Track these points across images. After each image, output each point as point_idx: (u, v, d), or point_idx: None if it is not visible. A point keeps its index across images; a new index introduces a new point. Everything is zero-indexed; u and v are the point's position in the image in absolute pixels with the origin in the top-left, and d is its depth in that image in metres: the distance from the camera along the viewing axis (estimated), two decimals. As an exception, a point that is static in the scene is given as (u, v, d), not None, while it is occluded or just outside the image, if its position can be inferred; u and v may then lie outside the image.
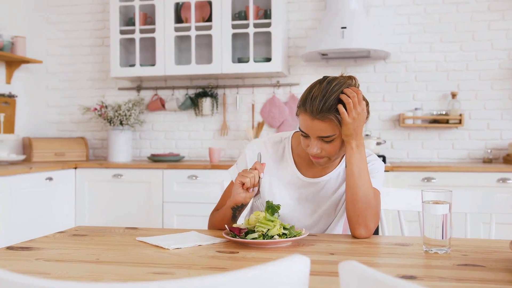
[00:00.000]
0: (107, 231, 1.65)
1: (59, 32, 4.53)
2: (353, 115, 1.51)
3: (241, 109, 4.24)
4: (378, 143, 3.83)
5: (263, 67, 3.86)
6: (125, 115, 4.06)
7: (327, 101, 1.51)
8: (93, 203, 3.83)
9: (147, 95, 4.39)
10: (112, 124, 4.11)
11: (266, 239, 1.39)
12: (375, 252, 1.33)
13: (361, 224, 1.51)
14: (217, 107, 4.24)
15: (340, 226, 1.75)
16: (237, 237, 1.41)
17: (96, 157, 4.49)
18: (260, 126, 4.10)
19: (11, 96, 4.14)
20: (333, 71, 4.09)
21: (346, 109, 1.52)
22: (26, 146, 4.18)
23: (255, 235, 1.40)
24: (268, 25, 3.88)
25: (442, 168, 3.39)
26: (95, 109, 4.12)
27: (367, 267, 0.71)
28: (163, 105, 4.28)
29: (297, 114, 1.59)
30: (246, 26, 3.92)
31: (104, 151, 4.47)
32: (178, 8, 4.11)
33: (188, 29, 4.01)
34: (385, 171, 3.37)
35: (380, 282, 0.66)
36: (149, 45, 4.18)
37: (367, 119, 1.65)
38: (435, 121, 3.93)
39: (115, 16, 4.07)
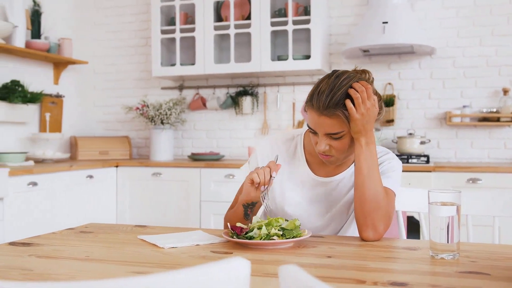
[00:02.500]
0: (115, 229, 1.64)
1: (106, 33, 4.64)
2: (361, 111, 1.43)
3: (282, 107, 4.18)
4: (422, 142, 3.66)
5: (302, 65, 3.79)
6: (166, 114, 4.10)
7: (334, 96, 1.43)
8: (133, 201, 3.89)
9: (189, 94, 4.42)
10: (153, 123, 4.16)
11: (265, 239, 1.33)
12: (376, 256, 1.24)
13: (369, 226, 1.42)
14: (257, 105, 4.20)
15: (354, 228, 1.66)
16: (235, 237, 1.36)
17: (140, 155, 4.57)
18: (300, 125, 4.03)
19: (58, 96, 4.27)
20: (376, 68, 3.95)
21: (354, 105, 1.44)
22: (73, 145, 4.30)
23: (254, 234, 1.34)
24: (307, 21, 3.80)
25: (489, 169, 3.20)
26: (137, 108, 4.18)
27: (305, 272, 0.64)
28: (204, 104, 4.28)
29: (305, 110, 1.52)
30: (285, 23, 3.85)
31: (147, 150, 4.53)
32: (218, 7, 4.11)
33: (227, 27, 3.99)
34: (427, 171, 3.23)
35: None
36: (190, 44, 4.19)
37: (380, 115, 1.56)
38: (485, 119, 3.72)
39: (156, 16, 4.11)
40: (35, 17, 3.87)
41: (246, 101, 4.15)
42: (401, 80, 3.93)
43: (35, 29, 3.87)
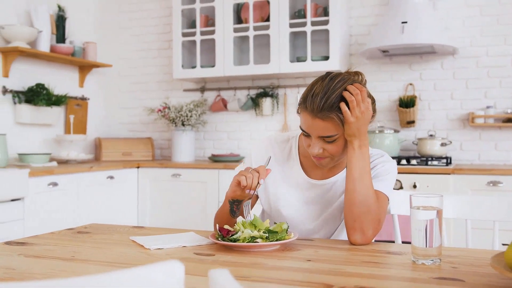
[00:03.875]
0: (112, 230, 1.67)
1: (130, 36, 4.72)
2: (356, 114, 1.42)
3: (302, 109, 4.16)
4: (442, 144, 3.59)
5: (321, 66, 3.77)
6: (186, 115, 4.15)
7: (329, 99, 1.42)
8: (154, 202, 3.95)
9: (210, 96, 4.45)
10: (174, 125, 4.21)
11: (249, 242, 1.33)
12: (357, 261, 1.23)
13: (357, 230, 1.41)
14: (277, 107, 4.21)
15: (348, 232, 1.65)
16: (220, 239, 1.37)
17: (163, 157, 4.63)
18: (319, 126, 4.00)
19: (83, 98, 4.38)
20: (397, 69, 3.90)
21: (349, 108, 1.42)
22: (97, 146, 4.40)
23: (239, 237, 1.35)
24: (326, 22, 3.78)
25: (510, 172, 3.11)
26: (159, 110, 4.24)
27: (231, 278, 0.65)
28: (225, 106, 4.31)
29: (298, 112, 1.51)
30: (304, 24, 3.84)
31: (169, 151, 4.59)
32: (239, 9, 4.13)
33: (247, 29, 4.01)
34: (445, 174, 3.17)
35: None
36: (210, 47, 4.23)
37: (373, 118, 1.54)
38: (509, 120, 3.61)
39: (177, 19, 4.16)
40: (59, 22, 3.97)
41: (266, 102, 4.15)
42: (423, 81, 3.86)
43: (60, 33, 3.97)
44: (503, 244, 1.28)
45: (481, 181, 3.14)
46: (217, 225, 1.47)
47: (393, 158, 3.50)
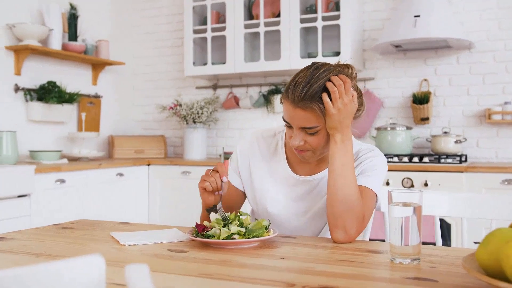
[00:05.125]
0: (97, 225, 1.65)
1: (143, 34, 4.73)
2: (338, 106, 1.36)
3: (314, 106, 4.10)
4: (457, 141, 3.48)
5: (332, 62, 3.67)
6: (198, 113, 4.12)
7: (311, 88, 1.37)
8: (164, 199, 3.93)
9: (222, 93, 4.42)
10: (186, 122, 4.20)
11: (225, 239, 1.29)
12: (332, 259, 1.17)
13: (339, 227, 1.35)
14: (289, 104, 4.14)
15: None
16: (194, 235, 1.33)
17: (176, 154, 4.62)
18: (331, 123, 3.93)
19: (96, 96, 4.40)
20: (411, 64, 3.80)
21: (331, 99, 1.37)
22: (110, 144, 4.41)
23: (214, 233, 1.31)
24: (337, 17, 3.71)
25: (526, 169, 2.99)
26: (171, 107, 4.23)
27: (146, 273, 0.61)
28: (237, 103, 4.28)
29: (281, 101, 1.46)
30: (315, 19, 3.78)
31: (182, 148, 4.57)
32: (250, 5, 4.09)
33: (257, 25, 3.96)
34: (458, 172, 3.07)
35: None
36: (222, 43, 4.19)
37: (361, 112, 1.49)
38: (528, 116, 3.48)
39: (188, 16, 4.15)
40: (71, 20, 3.99)
41: (277, 99, 4.10)
42: (438, 76, 3.75)
43: (72, 31, 3.99)
44: (475, 243, 1.21)
45: (496, 179, 3.03)
46: (196, 221, 1.44)
47: (405, 155, 3.41)
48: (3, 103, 3.60)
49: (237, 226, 1.32)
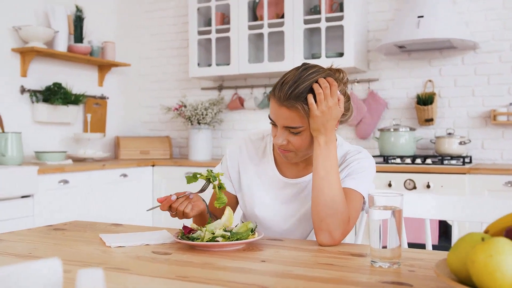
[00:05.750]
0: (90, 227, 1.67)
1: (149, 35, 4.75)
2: (322, 108, 1.36)
3: (319, 107, 4.09)
4: (461, 143, 3.44)
5: (335, 63, 3.63)
6: (202, 114, 4.14)
7: (297, 88, 1.38)
8: (168, 200, 3.94)
9: (227, 94, 4.43)
10: (191, 123, 4.21)
11: (207, 241, 1.29)
12: (311, 262, 1.17)
13: (323, 230, 1.34)
14: (294, 105, 4.14)
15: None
16: (180, 237, 1.34)
17: (181, 155, 4.64)
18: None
19: (103, 97, 4.43)
20: (415, 65, 3.77)
21: (316, 101, 1.37)
22: (116, 145, 4.44)
23: (198, 235, 1.32)
24: (340, 18, 3.70)
25: (530, 171, 2.96)
26: (175, 109, 4.25)
27: (99, 278, 0.61)
28: (242, 104, 4.28)
29: (268, 99, 1.47)
30: (318, 20, 3.77)
31: (187, 149, 4.59)
32: (254, 6, 4.09)
33: (261, 26, 3.97)
34: (461, 173, 3.04)
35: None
36: (226, 45, 4.20)
37: (346, 117, 1.49)
38: (534, 117, 3.44)
39: (193, 17, 4.16)
40: (77, 22, 4.03)
41: (282, 100, 4.09)
42: (442, 77, 3.72)
43: (78, 33, 4.03)
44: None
45: (499, 181, 3.00)
46: (183, 223, 1.45)
47: (409, 157, 3.39)
48: (10, 105, 3.64)
49: (222, 229, 1.32)
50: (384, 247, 1.09)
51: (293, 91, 1.37)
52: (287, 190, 1.55)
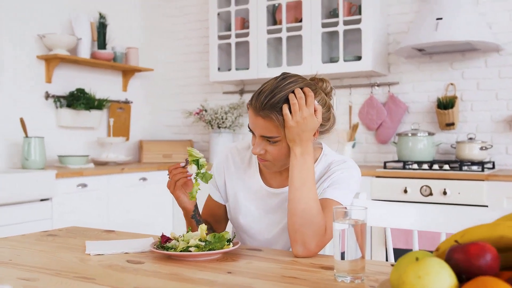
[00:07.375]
0: (82, 233, 1.70)
1: (173, 40, 4.82)
2: (297, 119, 1.35)
3: (339, 110, 4.06)
4: (482, 148, 3.34)
5: (353, 66, 3.64)
6: (222, 118, 4.16)
7: (273, 98, 1.38)
8: (188, 203, 3.98)
9: (248, 98, 4.44)
10: (211, 127, 4.24)
11: (180, 251, 1.30)
12: (277, 275, 1.16)
13: (298, 242, 1.33)
14: (314, 109, 4.11)
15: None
16: (155, 247, 1.36)
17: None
18: (354, 128, 3.88)
19: (127, 102, 4.52)
20: (437, 67, 3.69)
21: (291, 111, 1.36)
22: (139, 149, 4.52)
23: (173, 245, 1.33)
24: (358, 21, 3.65)
25: (551, 178, 2.84)
26: (196, 113, 4.29)
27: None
28: (262, 108, 4.28)
29: (247, 108, 1.47)
30: (336, 24, 3.73)
31: (209, 153, 4.62)
32: (274, 10, 4.09)
33: (280, 31, 3.96)
34: (479, 180, 2.95)
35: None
36: (246, 49, 4.21)
37: (328, 127, 1.47)
38: (560, 121, 3.31)
39: (213, 22, 4.19)
40: (100, 29, 4.12)
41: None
42: (465, 80, 3.62)
43: (101, 40, 4.12)
44: (392, 265, 1.17)
45: (518, 188, 2.90)
46: (162, 232, 1.46)
47: (426, 162, 3.32)
48: (35, 110, 3.76)
49: (198, 240, 1.33)
50: (342, 259, 1.07)
51: (269, 101, 1.37)
52: (271, 200, 1.55)
